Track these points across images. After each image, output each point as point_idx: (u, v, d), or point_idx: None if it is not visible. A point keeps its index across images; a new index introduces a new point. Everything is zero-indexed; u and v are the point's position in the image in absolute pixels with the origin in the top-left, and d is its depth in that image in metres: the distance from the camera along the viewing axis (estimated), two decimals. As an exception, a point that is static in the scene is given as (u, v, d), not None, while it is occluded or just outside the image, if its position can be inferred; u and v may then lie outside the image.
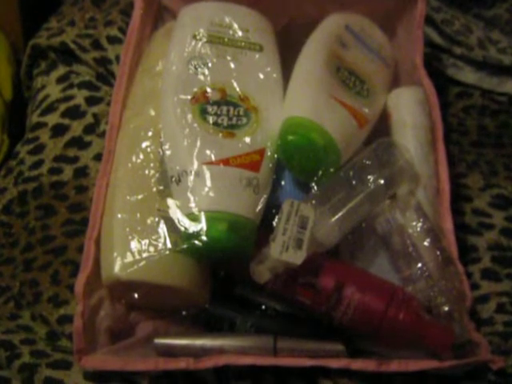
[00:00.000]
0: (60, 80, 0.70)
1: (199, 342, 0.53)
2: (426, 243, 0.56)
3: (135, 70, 0.62)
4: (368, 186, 0.57)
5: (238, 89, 0.58)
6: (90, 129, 0.67)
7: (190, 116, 0.55)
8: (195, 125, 0.55)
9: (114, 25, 0.71)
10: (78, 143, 0.66)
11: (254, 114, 0.57)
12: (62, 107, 0.68)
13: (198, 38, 0.59)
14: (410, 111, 0.64)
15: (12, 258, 0.62)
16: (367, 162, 0.58)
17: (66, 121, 0.67)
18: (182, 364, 0.51)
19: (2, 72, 0.86)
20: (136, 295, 0.53)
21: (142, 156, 0.56)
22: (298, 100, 0.58)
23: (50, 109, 0.68)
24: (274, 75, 0.61)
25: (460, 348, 0.55)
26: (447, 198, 0.61)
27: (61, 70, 0.70)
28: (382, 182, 0.57)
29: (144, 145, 0.56)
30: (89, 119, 0.67)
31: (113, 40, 0.70)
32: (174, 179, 0.53)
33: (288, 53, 0.64)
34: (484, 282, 0.64)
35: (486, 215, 0.68)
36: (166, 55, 0.59)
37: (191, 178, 0.52)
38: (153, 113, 0.57)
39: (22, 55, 0.88)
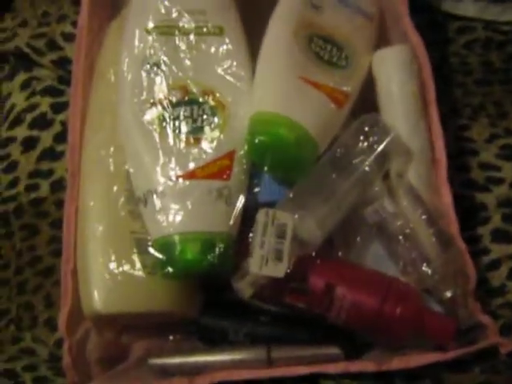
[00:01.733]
0: (23, 87, 0.66)
1: (193, 358, 0.52)
2: (421, 228, 0.52)
3: (91, 72, 0.58)
4: (354, 172, 0.52)
5: (200, 83, 0.53)
6: (60, 138, 0.63)
7: (148, 127, 0.51)
8: (155, 136, 0.51)
9: (67, 19, 0.66)
10: (50, 155, 0.63)
11: (221, 112, 0.53)
12: (29, 118, 0.65)
13: (147, 33, 0.54)
14: (395, 77, 0.57)
15: (6, 280, 0.62)
16: (351, 145, 0.54)
17: (35, 132, 0.64)
18: (176, 385, 0.50)
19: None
20: (122, 322, 0.52)
21: (106, 176, 0.52)
22: (263, 90, 0.53)
23: (18, 120, 0.65)
24: (240, 61, 0.54)
25: (466, 333, 0.52)
26: (444, 169, 0.56)
27: (22, 75, 0.66)
28: (369, 164, 0.52)
29: (107, 164, 0.52)
30: (57, 128, 0.64)
31: (68, 37, 0.65)
32: (140, 200, 0.50)
33: (255, 27, 0.58)
34: (494, 245, 0.60)
35: (495, 168, 0.63)
36: (118, 58, 0.54)
37: (157, 198, 0.49)
38: (112, 126, 0.53)
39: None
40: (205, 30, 0.55)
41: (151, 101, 0.52)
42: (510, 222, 0.60)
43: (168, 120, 0.51)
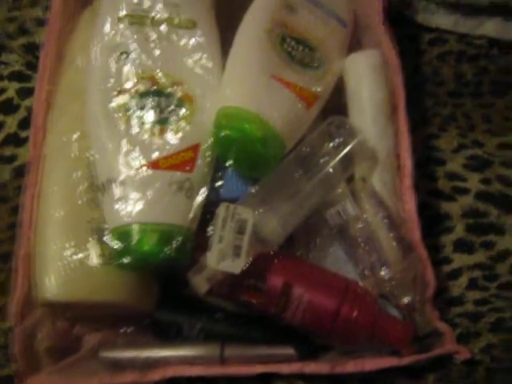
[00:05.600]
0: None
1: (146, 353, 0.51)
2: (382, 233, 0.52)
3: (60, 58, 0.57)
4: (318, 172, 0.52)
5: (168, 75, 0.53)
6: (25, 124, 0.62)
7: (114, 115, 0.50)
8: (120, 124, 0.50)
9: (39, 5, 0.65)
10: (14, 140, 0.62)
11: (189, 104, 0.52)
12: (-4, 100, 0.64)
13: (119, 21, 0.53)
14: (366, 81, 0.57)
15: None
16: (317, 145, 0.53)
17: (0, 117, 0.63)
18: (127, 378, 0.49)
19: None
20: (76, 312, 0.50)
21: (68, 162, 0.51)
22: (232, 85, 0.52)
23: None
24: (211, 55, 0.54)
25: (423, 339, 0.52)
26: (409, 175, 0.56)
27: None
28: (333, 166, 0.52)
29: (70, 150, 0.52)
30: (23, 113, 0.63)
31: (39, 22, 0.64)
32: (100, 188, 0.49)
33: (228, 23, 0.58)
34: (456, 254, 0.60)
35: (461, 178, 0.63)
36: (89, 45, 0.53)
37: (117, 186, 0.48)
38: (79, 112, 0.52)
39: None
40: (177, 21, 0.55)
41: (118, 89, 0.51)
42: (472, 231, 0.61)
43: (134, 109, 0.51)
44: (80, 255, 0.49)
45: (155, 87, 0.52)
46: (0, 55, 0.65)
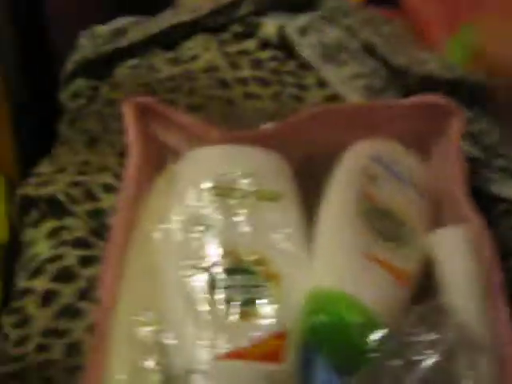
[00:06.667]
0: (50, 235, 0.62)
1: None
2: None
3: (130, 228, 0.53)
4: (419, 365, 0.46)
5: (252, 251, 0.49)
6: (83, 294, 0.57)
7: (194, 296, 0.46)
8: (200, 307, 0.45)
9: (109, 171, 0.63)
10: (70, 312, 0.57)
11: (274, 283, 0.48)
12: (52, 269, 0.59)
13: (202, 192, 0.51)
14: (456, 258, 0.53)
15: None
16: (416, 333, 0.48)
17: (56, 286, 0.58)
18: None
19: (-3, 209, 0.79)
20: None
21: (137, 347, 0.46)
22: (323, 264, 0.48)
23: (38, 271, 0.60)
24: (297, 230, 0.51)
25: None
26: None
27: (51, 223, 0.62)
28: (435, 360, 0.46)
29: (140, 334, 0.46)
30: (82, 283, 0.58)
31: (108, 188, 0.62)
32: (178, 379, 0.43)
33: (309, 194, 0.55)
34: None
35: None
36: (166, 216, 0.50)
37: (197, 379, 0.42)
38: (151, 291, 0.48)
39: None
40: (261, 194, 0.52)
41: (199, 266, 0.47)
42: None
43: (216, 289, 0.46)
44: None
45: (239, 265, 0.48)
46: (62, 219, 0.62)
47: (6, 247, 0.76)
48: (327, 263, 0.48)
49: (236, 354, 0.44)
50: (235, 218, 0.50)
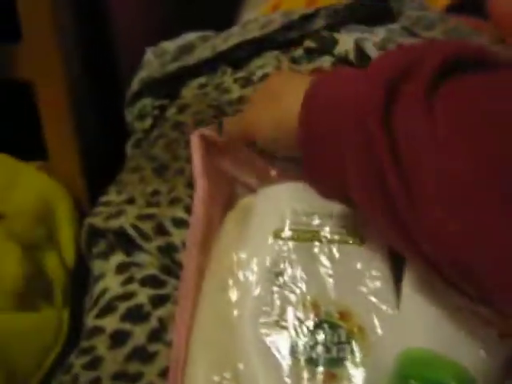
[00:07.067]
0: (119, 270, 0.59)
1: None
2: None
3: (203, 269, 0.50)
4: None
5: (336, 302, 0.45)
6: (155, 336, 0.55)
7: (274, 354, 0.42)
8: (281, 367, 0.42)
9: (180, 203, 0.60)
10: (141, 355, 0.54)
11: (360, 339, 0.44)
12: (122, 307, 0.57)
13: (279, 237, 0.47)
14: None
15: None
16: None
17: (127, 326, 0.56)
18: None
19: (64, 234, 0.77)
20: None
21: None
22: (419, 321, 0.44)
23: (109, 308, 0.57)
24: (384, 278, 0.47)
25: None
26: None
27: (120, 256, 0.60)
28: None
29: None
30: (153, 324, 0.55)
31: (179, 223, 0.59)
32: None
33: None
34: None
35: None
36: (240, 263, 0.47)
37: None
38: (225, 343, 0.45)
39: (87, 209, 0.80)
40: (344, 237, 0.48)
41: (279, 322, 0.44)
42: None
43: (297, 347, 0.43)
44: None
45: (321, 318, 0.44)
46: (132, 254, 0.59)
47: (73, 272, 0.75)
48: (423, 319, 0.44)
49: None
50: (318, 268, 0.46)
